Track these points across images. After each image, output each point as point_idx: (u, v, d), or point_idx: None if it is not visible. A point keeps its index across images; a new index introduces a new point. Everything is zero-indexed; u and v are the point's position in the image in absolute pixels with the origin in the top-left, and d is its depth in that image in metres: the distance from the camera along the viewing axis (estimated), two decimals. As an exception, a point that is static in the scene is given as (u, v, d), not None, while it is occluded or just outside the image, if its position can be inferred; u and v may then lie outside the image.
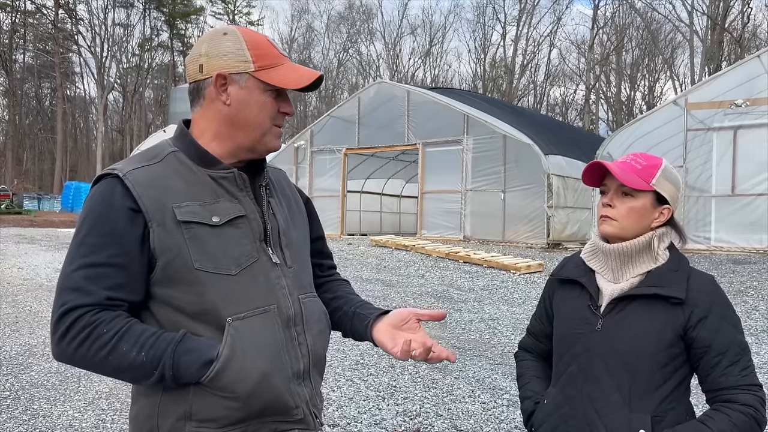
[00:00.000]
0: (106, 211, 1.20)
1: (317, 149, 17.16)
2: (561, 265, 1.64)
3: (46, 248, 12.18)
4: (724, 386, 1.37)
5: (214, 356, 1.17)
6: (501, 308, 7.69)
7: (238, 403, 1.20)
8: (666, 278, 1.43)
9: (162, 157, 1.29)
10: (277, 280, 1.30)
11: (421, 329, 1.37)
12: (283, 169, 1.60)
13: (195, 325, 1.22)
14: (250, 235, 1.29)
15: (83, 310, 1.16)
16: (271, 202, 1.37)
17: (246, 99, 1.28)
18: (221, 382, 1.18)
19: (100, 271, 1.18)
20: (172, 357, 1.16)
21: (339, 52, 51.17)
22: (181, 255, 1.20)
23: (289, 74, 1.30)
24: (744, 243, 10.81)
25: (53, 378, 4.60)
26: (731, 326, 1.40)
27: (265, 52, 1.30)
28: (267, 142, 1.32)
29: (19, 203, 29.75)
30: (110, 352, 1.16)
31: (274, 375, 1.24)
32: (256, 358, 1.22)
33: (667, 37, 40.92)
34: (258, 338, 1.23)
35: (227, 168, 1.29)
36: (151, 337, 1.18)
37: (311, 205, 1.58)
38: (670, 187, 1.48)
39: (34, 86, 47.84)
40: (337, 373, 4.72)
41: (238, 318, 1.22)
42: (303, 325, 1.32)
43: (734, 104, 10.99)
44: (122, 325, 1.17)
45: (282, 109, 1.33)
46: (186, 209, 1.22)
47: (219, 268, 1.23)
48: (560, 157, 13.63)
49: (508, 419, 3.88)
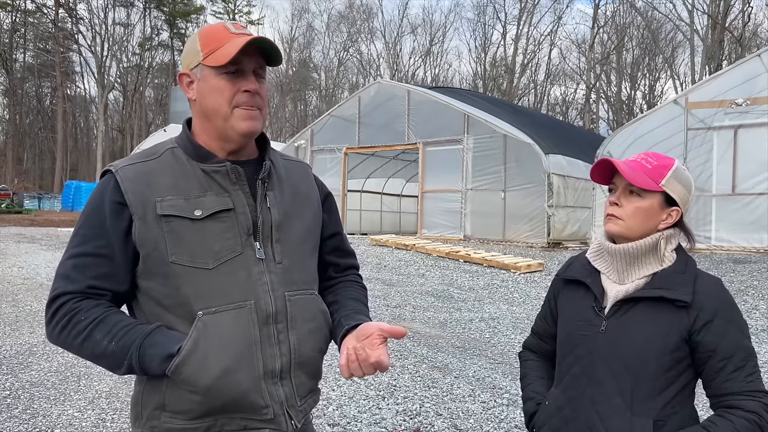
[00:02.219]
0: (98, 204, 1.27)
1: (317, 148, 17.16)
2: (567, 265, 1.61)
3: (47, 248, 12.18)
4: (729, 392, 1.33)
5: (175, 351, 1.20)
6: (501, 307, 7.69)
7: (200, 397, 1.23)
8: (672, 280, 1.39)
9: (159, 154, 1.34)
10: (258, 276, 1.29)
11: (382, 346, 1.29)
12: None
13: (172, 318, 1.26)
14: (236, 228, 1.29)
15: (67, 297, 1.24)
16: (269, 196, 1.35)
17: (203, 88, 1.30)
18: (182, 376, 1.21)
19: (86, 261, 1.25)
20: (138, 349, 1.21)
21: (339, 52, 51.20)
22: (158, 248, 1.24)
23: (227, 49, 1.27)
24: (744, 242, 10.80)
25: (53, 377, 4.60)
26: (738, 330, 1.36)
27: (213, 38, 1.30)
28: (234, 125, 1.30)
29: (20, 202, 29.74)
30: (85, 339, 1.22)
31: (239, 371, 1.24)
32: (220, 353, 1.22)
33: (668, 36, 40.90)
34: (226, 334, 1.24)
35: (221, 162, 1.31)
36: (124, 328, 1.23)
37: (330, 201, 1.55)
38: (681, 189, 1.44)
39: (34, 85, 47.78)
40: (336, 372, 4.72)
41: (208, 312, 1.24)
42: (286, 323, 1.31)
43: (735, 103, 10.97)
44: (99, 314, 1.23)
45: (242, 87, 1.29)
46: (168, 203, 1.26)
47: (195, 261, 1.25)
48: (560, 156, 13.62)
49: (508, 418, 3.87)
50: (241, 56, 1.27)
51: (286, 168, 1.45)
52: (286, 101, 51.62)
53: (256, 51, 1.30)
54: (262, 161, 1.38)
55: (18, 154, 44.56)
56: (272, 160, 1.40)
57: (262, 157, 1.40)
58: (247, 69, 1.30)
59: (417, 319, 6.94)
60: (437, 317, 7.04)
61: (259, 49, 1.30)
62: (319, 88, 51.94)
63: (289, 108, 52.71)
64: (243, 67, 1.29)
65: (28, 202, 30.79)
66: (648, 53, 42.88)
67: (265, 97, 1.35)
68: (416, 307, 7.56)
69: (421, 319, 6.94)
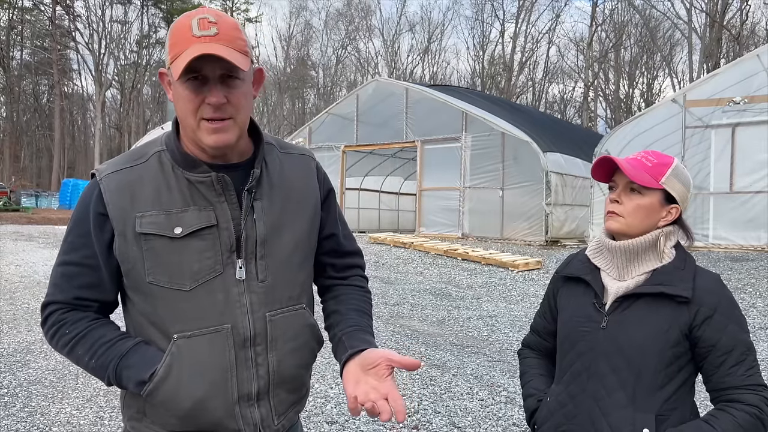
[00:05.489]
0: (84, 213, 1.25)
1: (316, 146, 17.14)
2: (566, 262, 1.62)
3: (44, 245, 12.16)
4: (729, 386, 1.36)
5: (146, 378, 1.20)
6: (499, 305, 7.69)
7: (176, 420, 1.23)
8: (672, 277, 1.41)
9: (147, 158, 1.26)
10: (237, 298, 1.23)
11: (390, 377, 1.21)
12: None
13: (154, 333, 1.25)
14: (217, 246, 1.22)
15: (55, 307, 1.25)
16: (256, 206, 1.25)
17: (175, 94, 1.19)
18: (156, 400, 1.22)
19: (73, 270, 1.24)
20: (114, 370, 1.22)
21: (337, 49, 51.11)
22: (136, 267, 1.21)
23: (184, 57, 1.11)
24: (742, 240, 10.82)
25: (51, 375, 4.59)
26: (737, 326, 1.38)
27: (176, 39, 1.15)
28: (201, 139, 1.18)
29: (17, 200, 29.70)
30: (70, 351, 1.25)
31: (212, 399, 1.22)
32: (193, 381, 1.20)
33: (666, 34, 40.93)
34: (200, 359, 1.21)
35: (206, 172, 1.22)
36: (103, 345, 1.23)
37: (331, 199, 1.44)
38: (680, 187, 1.46)
39: (31, 83, 47.66)
40: (335, 370, 4.72)
41: (183, 336, 1.21)
42: (266, 345, 1.26)
43: (732, 101, 10.99)
44: (83, 329, 1.24)
45: (206, 99, 1.14)
46: (147, 220, 1.20)
47: (172, 282, 1.20)
48: (559, 154, 13.62)
49: (506, 416, 3.88)
50: (201, 63, 1.11)
51: (284, 165, 1.34)
52: (284, 99, 51.57)
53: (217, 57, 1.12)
54: (254, 164, 1.28)
55: (15, 151, 44.44)
56: (266, 160, 1.30)
57: (255, 156, 1.30)
58: (212, 76, 1.14)
59: (415, 317, 6.94)
60: (435, 315, 7.05)
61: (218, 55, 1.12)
62: (317, 86, 51.90)
63: (287, 106, 52.67)
64: (206, 74, 1.14)
65: (25, 200, 30.75)
66: (646, 51, 42.91)
67: (240, 103, 1.18)
68: (414, 305, 7.57)
69: (419, 317, 6.95)
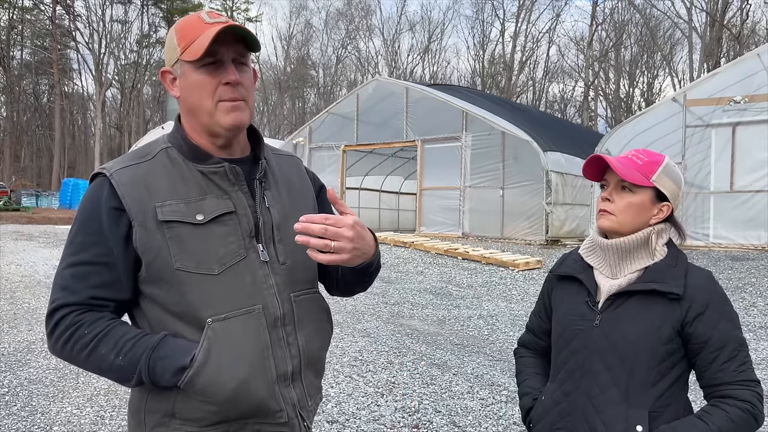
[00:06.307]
0: (94, 210, 1.22)
1: (316, 146, 17.15)
2: (560, 262, 1.63)
3: (44, 245, 12.17)
4: (722, 382, 1.37)
5: (187, 363, 1.17)
6: (499, 305, 7.70)
7: (215, 407, 1.20)
8: (664, 274, 1.42)
9: (153, 155, 1.28)
10: (264, 279, 1.26)
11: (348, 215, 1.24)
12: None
13: (179, 325, 1.22)
14: (239, 231, 1.25)
15: (68, 309, 1.19)
16: (267, 195, 1.32)
17: (185, 85, 1.26)
18: (196, 387, 1.18)
19: (86, 270, 1.20)
20: (147, 363, 1.17)
21: (337, 49, 51.08)
22: (162, 255, 1.20)
23: (201, 41, 1.20)
24: (742, 239, 10.83)
25: (51, 374, 4.60)
26: (729, 322, 1.39)
27: (188, 30, 1.24)
28: (219, 121, 1.24)
29: (17, 200, 29.70)
30: (90, 353, 1.18)
31: (254, 380, 1.22)
32: (234, 362, 1.20)
33: (666, 33, 40.89)
34: (238, 341, 1.21)
35: (218, 162, 1.26)
36: (130, 341, 1.18)
37: (323, 194, 1.49)
38: (671, 185, 1.47)
39: (31, 83, 47.66)
40: (335, 369, 4.72)
41: (218, 319, 1.20)
42: (294, 325, 1.29)
43: (733, 101, 10.99)
44: (103, 328, 1.19)
45: (223, 79, 1.23)
46: (168, 208, 1.21)
47: (200, 267, 1.20)
48: (559, 153, 13.62)
49: (506, 415, 3.89)
50: (217, 46, 1.20)
51: (279, 164, 1.42)
52: (284, 98, 51.56)
53: (234, 39, 1.23)
54: (256, 158, 1.34)
55: (15, 151, 44.46)
56: (266, 157, 1.37)
57: (254, 153, 1.36)
58: (226, 59, 1.23)
59: (415, 316, 6.95)
60: (436, 314, 7.05)
61: (235, 35, 1.22)
62: (318, 86, 51.88)
63: (287, 105, 52.66)
64: (221, 57, 1.23)
65: (25, 199, 30.75)
66: (646, 50, 42.88)
67: (250, 87, 1.28)
68: (415, 305, 7.57)
69: (419, 316, 6.95)
